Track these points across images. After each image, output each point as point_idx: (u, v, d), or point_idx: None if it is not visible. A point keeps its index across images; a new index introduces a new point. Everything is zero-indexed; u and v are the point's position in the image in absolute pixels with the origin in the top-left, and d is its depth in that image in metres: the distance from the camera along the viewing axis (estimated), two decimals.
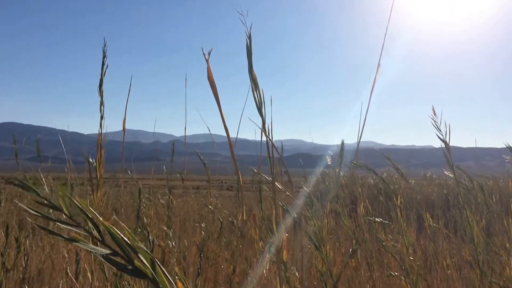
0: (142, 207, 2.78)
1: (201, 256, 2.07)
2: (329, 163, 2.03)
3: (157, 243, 2.41)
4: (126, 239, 0.32)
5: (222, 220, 2.43)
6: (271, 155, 0.90)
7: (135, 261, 0.33)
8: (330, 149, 2.00)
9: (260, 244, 1.94)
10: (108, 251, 0.33)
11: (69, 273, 1.88)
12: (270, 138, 0.84)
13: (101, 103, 1.14)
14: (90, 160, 2.24)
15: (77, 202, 0.30)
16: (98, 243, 0.34)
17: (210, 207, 3.04)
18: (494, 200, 3.10)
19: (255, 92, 0.77)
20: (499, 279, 1.70)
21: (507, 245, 2.58)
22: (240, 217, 2.30)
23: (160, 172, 2.92)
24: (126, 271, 0.33)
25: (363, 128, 1.01)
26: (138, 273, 0.33)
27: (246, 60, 0.75)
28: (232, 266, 2.21)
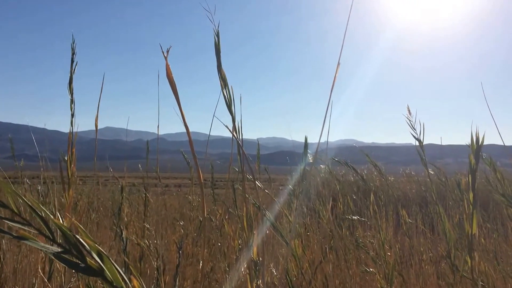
0: (121, 205, 2.76)
1: (179, 254, 2.06)
2: (311, 161, 2.04)
3: (135, 241, 2.39)
4: (78, 237, 0.32)
5: (201, 218, 2.42)
6: (243, 153, 0.90)
7: (88, 259, 0.33)
8: (312, 147, 2.01)
9: (236, 241, 1.95)
10: (59, 249, 0.33)
11: (41, 273, 1.86)
12: (240, 136, 0.85)
13: (72, 101, 1.13)
14: (65, 158, 2.21)
15: (26, 200, 0.30)
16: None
17: (193, 204, 3.04)
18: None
19: (224, 90, 0.78)
20: (470, 273, 1.74)
21: (482, 240, 2.63)
22: (218, 215, 2.30)
23: (140, 170, 2.90)
24: (78, 269, 0.33)
25: (324, 126, 1.02)
26: (90, 271, 0.33)
27: (216, 58, 0.76)
28: (210, 264, 2.21)
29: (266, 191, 1.62)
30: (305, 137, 1.21)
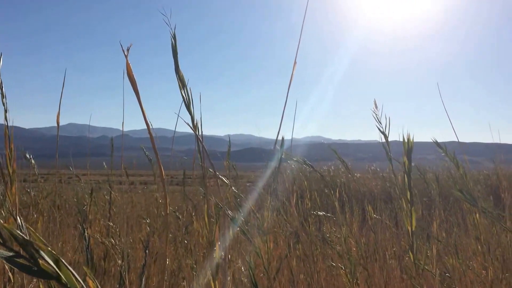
0: (86, 203, 2.70)
1: (146, 252, 2.03)
2: (283, 157, 2.04)
3: (99, 239, 2.35)
4: (29, 239, 0.31)
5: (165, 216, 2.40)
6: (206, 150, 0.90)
7: (40, 262, 0.32)
8: (280, 143, 2.02)
9: (204, 238, 1.94)
10: (10, 253, 0.31)
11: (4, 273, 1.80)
12: (200, 133, 0.85)
13: (3, 96, 1.09)
14: (27, 155, 2.14)
15: None
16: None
17: (160, 200, 3.00)
18: (433, 192, 3.24)
19: (182, 91, 0.79)
20: (432, 266, 1.79)
21: (443, 234, 2.72)
22: (185, 212, 2.28)
23: (104, 167, 2.84)
24: (31, 272, 0.32)
25: (281, 123, 1.04)
26: (43, 274, 0.32)
27: (173, 59, 0.76)
28: (177, 261, 2.20)
29: (233, 188, 1.62)
30: (282, 137, 1.21)
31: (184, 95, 0.79)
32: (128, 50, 0.69)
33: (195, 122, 0.83)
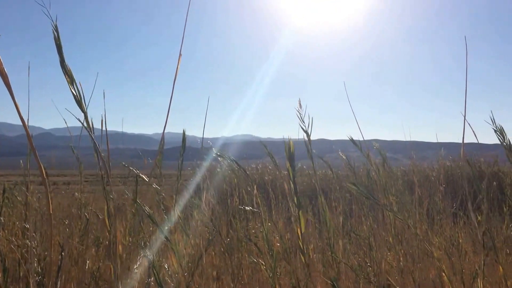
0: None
1: (62, 255, 1.95)
2: (214, 155, 2.04)
3: (15, 243, 2.23)
4: None
5: (88, 217, 2.32)
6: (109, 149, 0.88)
7: None
8: (214, 142, 2.02)
9: (127, 238, 1.90)
10: None
11: None
12: (92, 132, 0.83)
13: None
14: None
15: None
16: None
17: (82, 202, 2.89)
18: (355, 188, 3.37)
19: (71, 87, 0.75)
20: (349, 259, 1.87)
21: (364, 227, 2.85)
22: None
23: (20, 167, 2.69)
24: None
25: (167, 118, 1.05)
26: None
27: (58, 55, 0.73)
28: (98, 264, 2.13)
29: (155, 185, 1.60)
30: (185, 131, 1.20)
31: (73, 91, 0.76)
32: None
33: (89, 120, 0.80)
